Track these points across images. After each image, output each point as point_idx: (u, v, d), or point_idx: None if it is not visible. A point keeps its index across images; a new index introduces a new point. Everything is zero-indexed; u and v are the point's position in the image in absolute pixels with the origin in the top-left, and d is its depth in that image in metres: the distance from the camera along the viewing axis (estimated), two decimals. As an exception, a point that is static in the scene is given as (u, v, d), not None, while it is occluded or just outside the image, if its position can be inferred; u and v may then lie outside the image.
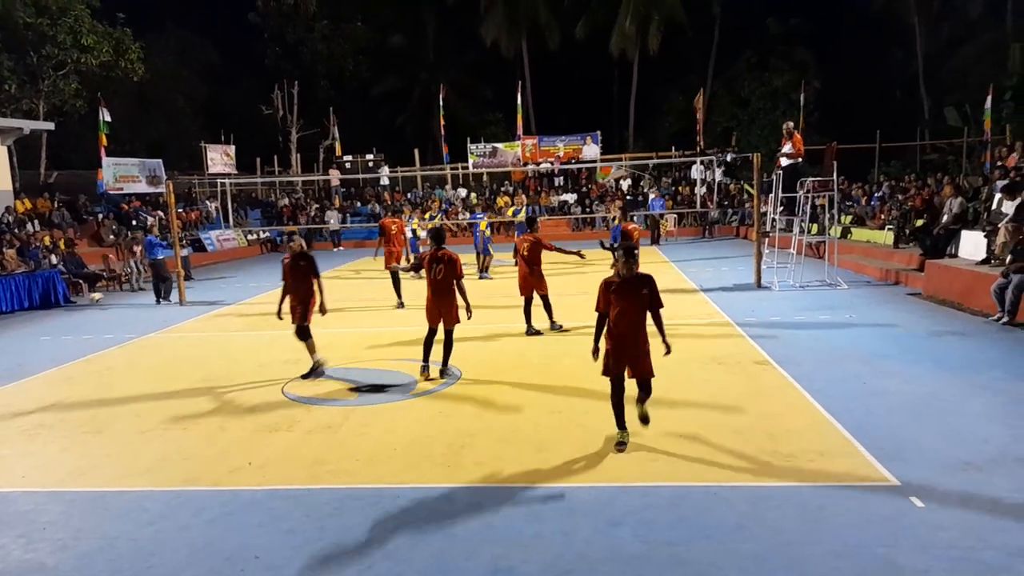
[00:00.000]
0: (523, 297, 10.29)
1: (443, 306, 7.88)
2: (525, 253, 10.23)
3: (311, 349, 8.38)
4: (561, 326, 10.34)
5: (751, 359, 8.28)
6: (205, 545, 4.43)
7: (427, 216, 22.50)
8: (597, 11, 36.01)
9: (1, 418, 7.28)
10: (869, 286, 13.56)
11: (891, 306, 11.40)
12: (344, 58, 39.06)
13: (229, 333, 11.48)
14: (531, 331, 10.17)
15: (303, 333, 8.33)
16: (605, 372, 5.64)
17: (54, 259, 16.95)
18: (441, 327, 7.96)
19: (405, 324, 11.21)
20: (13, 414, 7.39)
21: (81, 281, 16.89)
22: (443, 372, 8.07)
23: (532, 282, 10.21)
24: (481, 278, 16.44)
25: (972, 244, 12.28)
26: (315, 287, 8.29)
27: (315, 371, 8.32)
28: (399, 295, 13.13)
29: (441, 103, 30.02)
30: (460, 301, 7.90)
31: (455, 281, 7.84)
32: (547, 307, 10.32)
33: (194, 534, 4.58)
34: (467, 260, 17.88)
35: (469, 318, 7.91)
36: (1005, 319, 9.59)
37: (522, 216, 17.52)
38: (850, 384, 7.15)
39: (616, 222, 17.46)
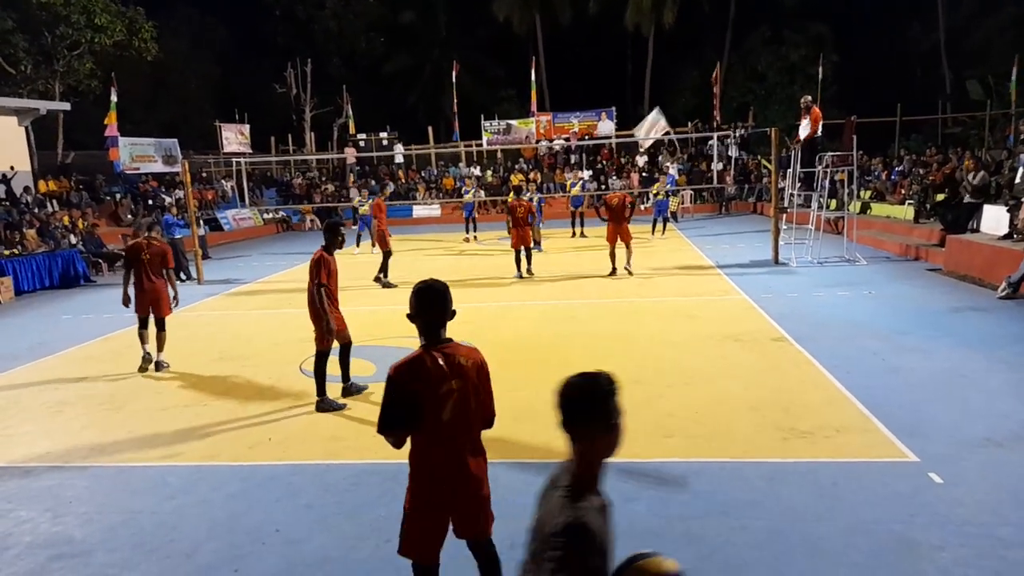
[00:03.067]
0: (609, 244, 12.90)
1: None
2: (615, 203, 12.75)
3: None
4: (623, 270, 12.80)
5: (768, 336, 8.23)
6: (226, 519, 4.51)
7: (463, 191, 23.16)
8: (609, -15, 35.56)
9: (25, 395, 7.42)
10: (888, 262, 13.41)
11: (911, 282, 11.27)
12: (356, 36, 38.80)
13: (246, 311, 11.57)
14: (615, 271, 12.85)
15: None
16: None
17: (73, 239, 17.13)
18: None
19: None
20: (36, 391, 7.52)
21: (100, 260, 17.09)
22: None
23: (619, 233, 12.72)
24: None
25: (994, 219, 12.09)
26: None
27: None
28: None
29: (454, 80, 29.82)
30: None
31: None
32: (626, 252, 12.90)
33: (215, 508, 4.66)
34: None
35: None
36: (1008, 291, 9.50)
37: (578, 189, 20.37)
38: (868, 360, 7.09)
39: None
